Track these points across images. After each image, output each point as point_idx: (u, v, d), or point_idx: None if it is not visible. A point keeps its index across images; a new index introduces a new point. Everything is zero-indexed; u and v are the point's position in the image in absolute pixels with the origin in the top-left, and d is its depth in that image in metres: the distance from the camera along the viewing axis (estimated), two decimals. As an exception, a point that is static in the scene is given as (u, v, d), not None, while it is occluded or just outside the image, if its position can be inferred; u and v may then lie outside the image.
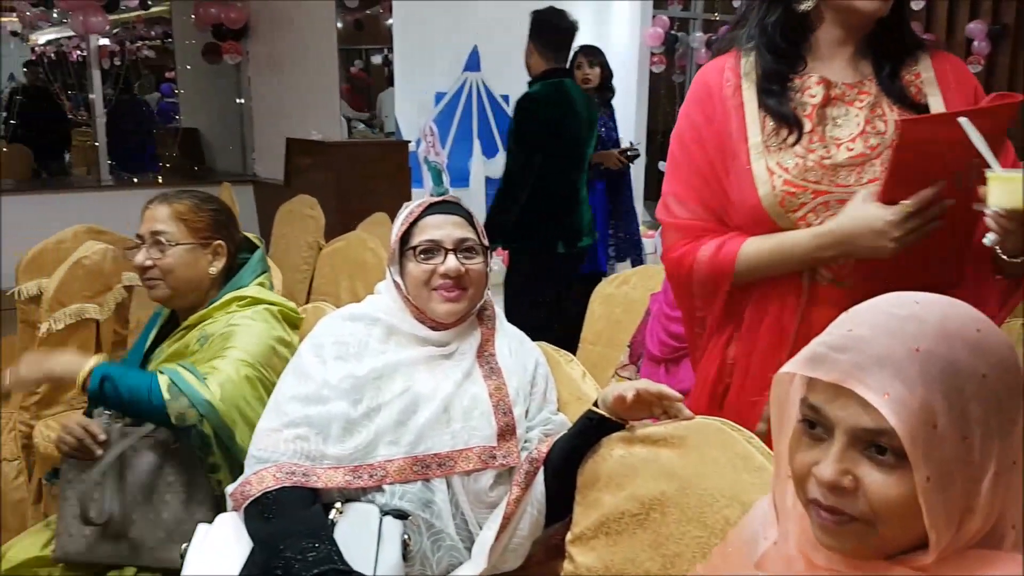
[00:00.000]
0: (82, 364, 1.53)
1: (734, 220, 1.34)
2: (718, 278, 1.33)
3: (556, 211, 3.27)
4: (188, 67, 7.17)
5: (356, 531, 1.30)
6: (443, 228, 1.48)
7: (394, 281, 1.51)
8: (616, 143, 4.42)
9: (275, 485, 1.33)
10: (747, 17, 1.39)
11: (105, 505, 1.50)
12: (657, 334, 1.92)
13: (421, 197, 1.57)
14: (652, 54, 7.61)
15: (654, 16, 7.52)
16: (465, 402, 1.42)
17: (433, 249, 1.47)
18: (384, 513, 1.33)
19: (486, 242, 1.53)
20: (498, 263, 5.79)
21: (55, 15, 7.47)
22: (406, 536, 1.32)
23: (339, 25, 5.32)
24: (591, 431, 1.37)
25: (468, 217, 1.53)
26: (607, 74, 4.29)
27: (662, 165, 5.99)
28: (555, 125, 3.14)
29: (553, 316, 3.08)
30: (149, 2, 7.39)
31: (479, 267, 1.49)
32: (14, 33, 7.90)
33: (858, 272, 1.26)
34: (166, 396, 1.48)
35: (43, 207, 5.40)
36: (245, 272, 1.76)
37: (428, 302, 1.47)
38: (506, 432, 1.41)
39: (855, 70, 1.33)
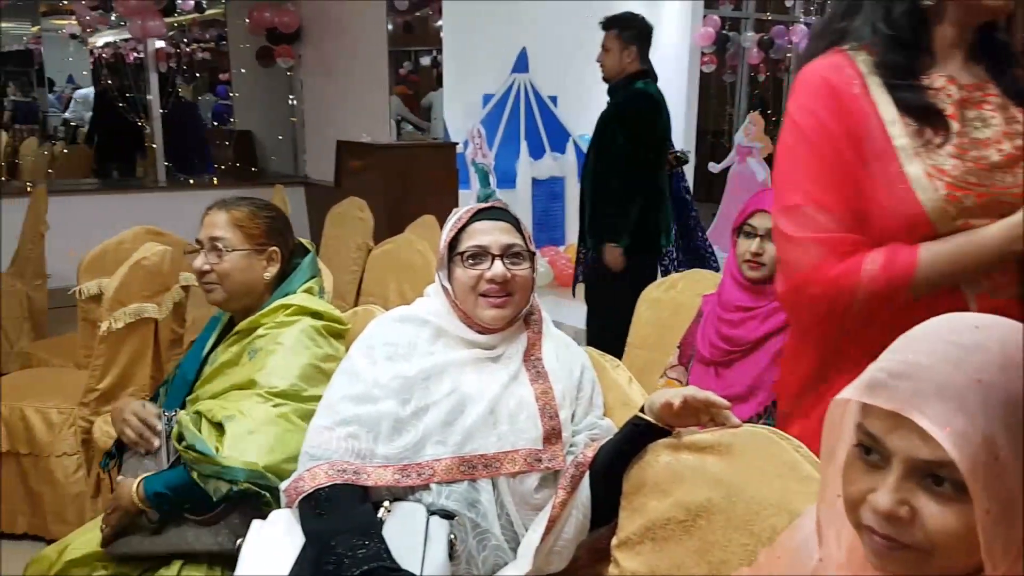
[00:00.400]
0: (131, 487, 1.57)
1: (878, 227, 1.23)
2: (895, 293, 1.20)
3: (658, 208, 3.34)
4: (242, 70, 7.30)
5: (404, 530, 1.32)
6: (490, 234, 1.50)
7: (443, 286, 1.53)
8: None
9: (327, 482, 1.35)
10: (853, 11, 1.30)
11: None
12: (709, 336, 1.91)
13: (468, 199, 1.59)
14: (703, 54, 7.55)
15: (705, 16, 7.47)
16: (512, 404, 1.43)
17: (480, 255, 1.48)
18: (431, 513, 1.35)
19: (533, 248, 1.54)
20: (544, 265, 5.80)
21: (113, 18, 7.67)
22: (452, 536, 1.34)
23: (389, 27, 5.38)
24: (637, 437, 1.37)
25: (515, 223, 1.54)
26: None
27: (713, 166, 6.01)
28: (665, 122, 3.30)
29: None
30: (204, 5, 7.54)
31: (525, 273, 1.50)
32: (73, 36, 8.12)
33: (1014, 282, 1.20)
34: (202, 485, 1.51)
35: (102, 208, 5.57)
36: (295, 278, 1.79)
37: (475, 307, 1.48)
38: (552, 436, 1.42)
39: (970, 72, 1.27)
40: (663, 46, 6.92)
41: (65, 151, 7.69)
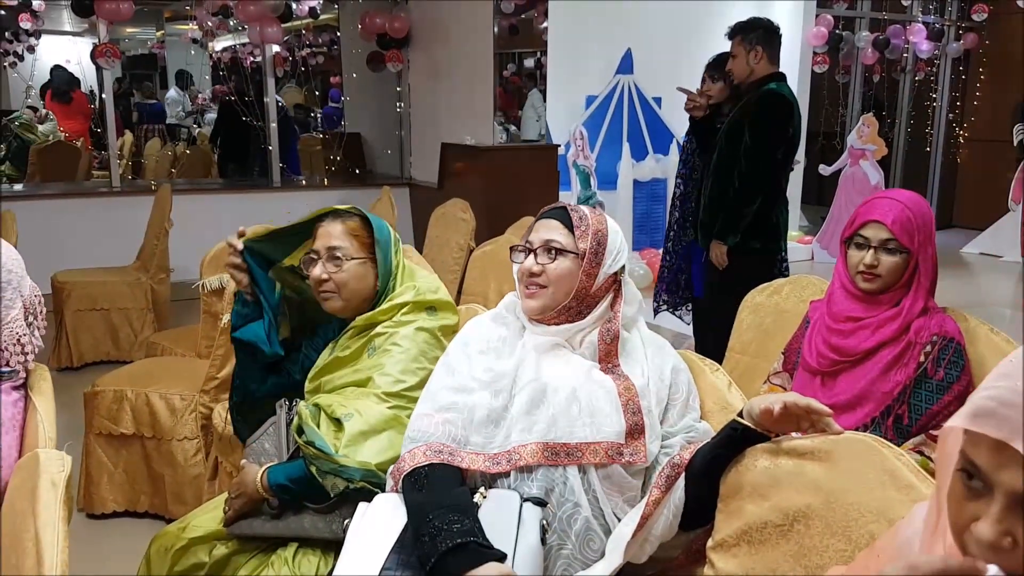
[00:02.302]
0: (255, 476, 1.67)
1: None
2: None
3: (780, 210, 3.35)
4: (353, 75, 7.54)
5: (498, 514, 1.37)
6: (539, 231, 1.56)
7: None
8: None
9: (425, 461, 1.43)
10: None
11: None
12: (816, 345, 1.88)
13: (569, 200, 1.62)
14: (815, 53, 7.36)
15: (817, 15, 7.28)
16: (594, 394, 1.47)
17: (524, 249, 1.57)
18: (524, 500, 1.39)
19: (583, 246, 1.54)
20: (643, 268, 5.77)
21: (232, 23, 8.04)
22: (544, 521, 1.38)
23: (495, 30, 5.46)
24: (735, 441, 1.37)
25: (568, 221, 1.56)
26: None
27: (824, 169, 5.91)
28: (797, 122, 3.33)
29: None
30: (318, 10, 7.83)
31: (559, 267, 1.53)
32: (194, 40, 8.56)
33: None
34: (320, 479, 1.59)
35: (222, 206, 5.86)
36: (399, 279, 1.84)
37: (520, 297, 1.58)
38: (635, 431, 1.45)
39: None
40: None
41: (188, 152, 8.11)
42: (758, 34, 3.34)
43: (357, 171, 7.50)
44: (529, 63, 7.05)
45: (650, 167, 6.54)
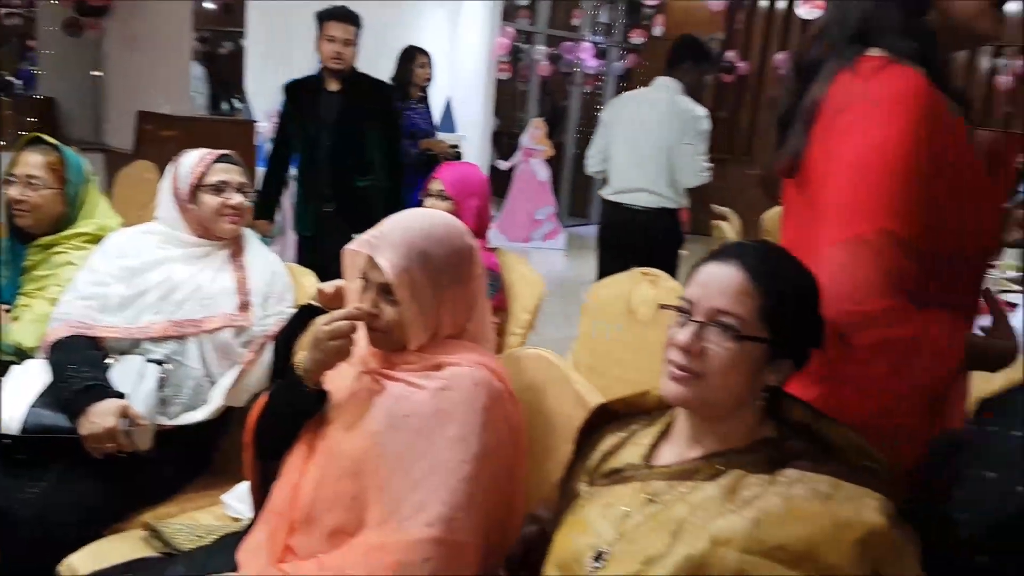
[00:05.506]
0: None
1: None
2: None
3: None
4: (50, 39, 7.37)
5: (124, 370, 1.90)
6: (228, 173, 2.12)
7: (183, 206, 2.09)
8: (433, 135, 5.06)
9: (66, 333, 1.92)
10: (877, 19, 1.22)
11: None
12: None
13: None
14: (500, 62, 8.32)
15: (502, 27, 8.22)
16: (215, 286, 2.03)
17: (223, 187, 2.09)
18: (147, 361, 1.93)
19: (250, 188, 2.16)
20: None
21: None
22: (163, 375, 1.92)
23: (211, 7, 5.76)
24: (303, 314, 1.97)
25: (244, 168, 2.17)
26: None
27: (502, 164, 6.81)
28: None
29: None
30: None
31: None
32: None
33: None
34: None
35: None
36: (84, 212, 2.29)
37: (218, 223, 2.08)
38: (244, 306, 2.04)
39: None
40: (466, 54, 7.62)
41: None
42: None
43: (50, 134, 7.31)
44: (244, 43, 7.33)
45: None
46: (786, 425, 1.12)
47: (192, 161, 2.14)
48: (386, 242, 1.38)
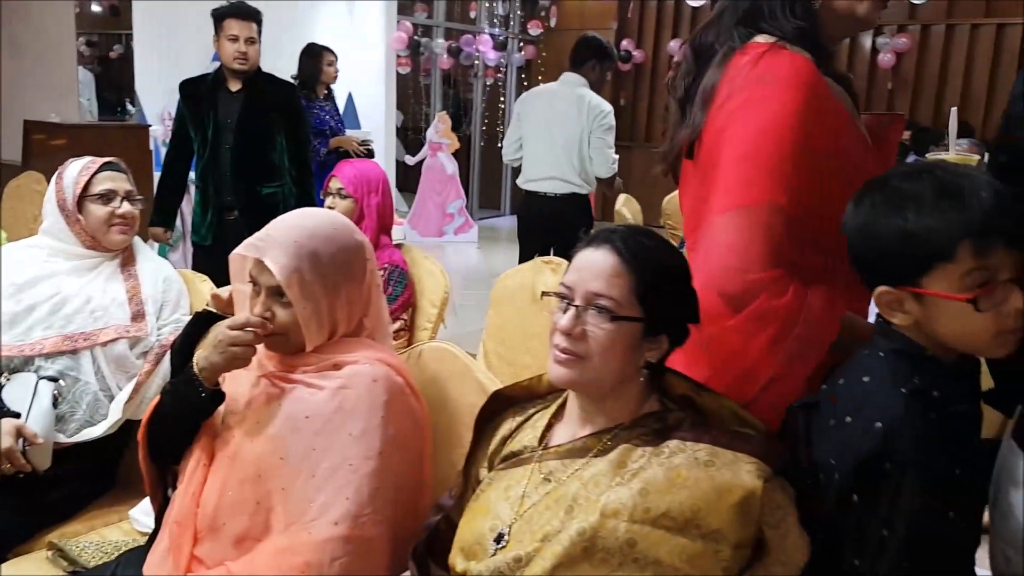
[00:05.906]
0: None
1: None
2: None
3: None
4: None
5: (18, 389, 1.85)
6: (115, 181, 2.07)
7: (72, 217, 2.03)
8: (342, 132, 5.00)
9: None
10: (764, 6, 1.30)
11: None
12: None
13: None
14: (399, 56, 8.26)
15: (398, 21, 8.17)
16: (106, 297, 1.99)
17: (111, 196, 2.05)
18: (40, 378, 1.87)
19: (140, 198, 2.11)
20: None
21: None
22: (56, 393, 1.87)
23: (97, 10, 5.55)
24: (199, 322, 1.95)
25: (129, 174, 2.11)
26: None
27: (408, 159, 6.80)
28: None
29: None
30: None
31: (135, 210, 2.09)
32: None
33: None
34: None
35: None
36: None
37: (107, 234, 2.04)
38: (137, 316, 2.00)
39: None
40: (363, 47, 7.54)
41: None
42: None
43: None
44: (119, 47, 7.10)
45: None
46: (669, 398, 1.17)
47: (76, 171, 2.08)
48: (273, 244, 1.38)
